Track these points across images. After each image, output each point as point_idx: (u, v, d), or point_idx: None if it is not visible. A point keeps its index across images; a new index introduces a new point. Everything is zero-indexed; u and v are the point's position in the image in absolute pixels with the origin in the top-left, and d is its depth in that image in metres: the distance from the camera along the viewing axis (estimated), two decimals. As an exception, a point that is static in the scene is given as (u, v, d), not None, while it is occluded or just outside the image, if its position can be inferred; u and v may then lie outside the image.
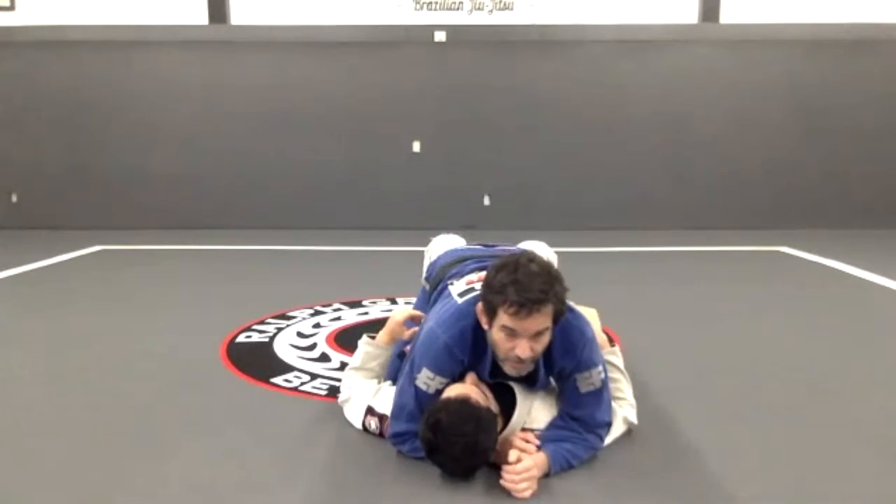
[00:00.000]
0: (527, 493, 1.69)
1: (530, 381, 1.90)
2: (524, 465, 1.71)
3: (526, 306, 1.64)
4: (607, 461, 1.90)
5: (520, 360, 1.72)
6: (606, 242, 6.08)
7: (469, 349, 1.84)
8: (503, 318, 1.69)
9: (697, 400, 2.37)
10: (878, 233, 6.68)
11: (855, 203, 7.14)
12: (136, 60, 7.11)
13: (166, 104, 7.18)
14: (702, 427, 2.14)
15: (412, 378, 1.87)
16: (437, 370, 1.84)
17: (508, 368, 1.78)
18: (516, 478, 1.69)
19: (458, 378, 1.89)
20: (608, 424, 1.91)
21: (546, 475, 1.78)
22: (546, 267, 1.72)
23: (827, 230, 6.82)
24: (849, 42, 6.96)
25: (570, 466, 1.83)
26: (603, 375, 1.86)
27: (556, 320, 1.72)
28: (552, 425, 1.89)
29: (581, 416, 1.87)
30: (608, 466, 1.87)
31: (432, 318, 1.95)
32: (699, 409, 2.28)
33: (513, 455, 1.72)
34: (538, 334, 1.70)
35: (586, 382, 1.84)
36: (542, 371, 1.85)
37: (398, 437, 1.91)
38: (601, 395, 1.87)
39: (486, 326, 1.78)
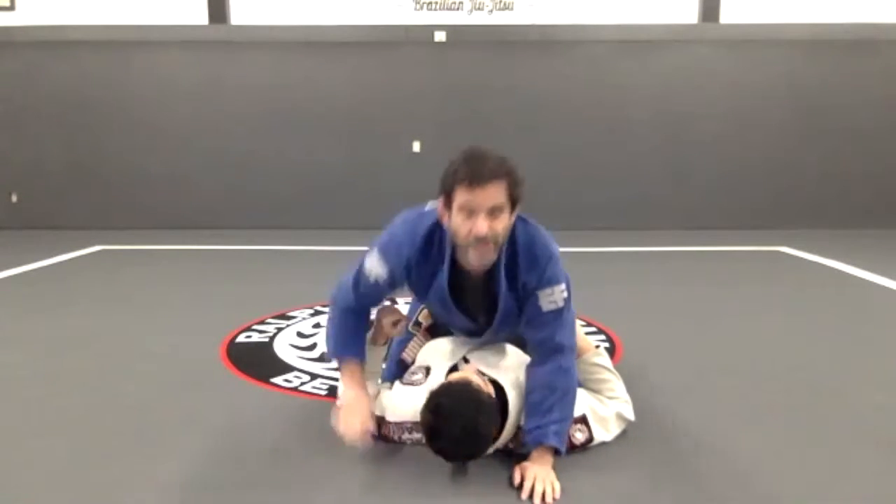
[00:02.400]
0: (554, 496, 1.70)
1: (490, 298, 1.88)
2: (528, 486, 1.72)
3: (478, 177, 1.69)
4: (607, 460, 1.90)
5: (480, 241, 1.71)
6: (606, 242, 6.09)
7: (418, 248, 1.85)
8: (459, 196, 1.71)
9: (697, 400, 2.37)
10: (878, 233, 6.68)
11: (855, 203, 7.15)
12: (136, 60, 7.11)
13: (166, 104, 7.18)
14: (701, 427, 2.14)
15: (362, 261, 1.94)
16: (381, 260, 1.88)
17: (471, 257, 1.78)
18: (537, 500, 1.70)
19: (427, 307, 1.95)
20: (572, 349, 1.91)
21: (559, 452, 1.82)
22: (498, 153, 1.77)
23: (827, 230, 6.82)
24: (849, 42, 6.96)
25: (567, 426, 1.86)
26: (566, 294, 1.85)
27: (512, 203, 1.75)
28: (527, 398, 1.88)
29: (543, 339, 1.87)
30: (607, 465, 1.87)
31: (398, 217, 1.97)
32: (699, 409, 2.28)
33: (516, 478, 1.74)
34: (494, 212, 1.71)
35: (548, 300, 1.84)
36: (503, 283, 1.84)
37: (337, 305, 2.01)
38: (562, 315, 1.86)
39: (445, 222, 1.79)
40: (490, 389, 1.84)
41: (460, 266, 1.87)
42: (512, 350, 2.19)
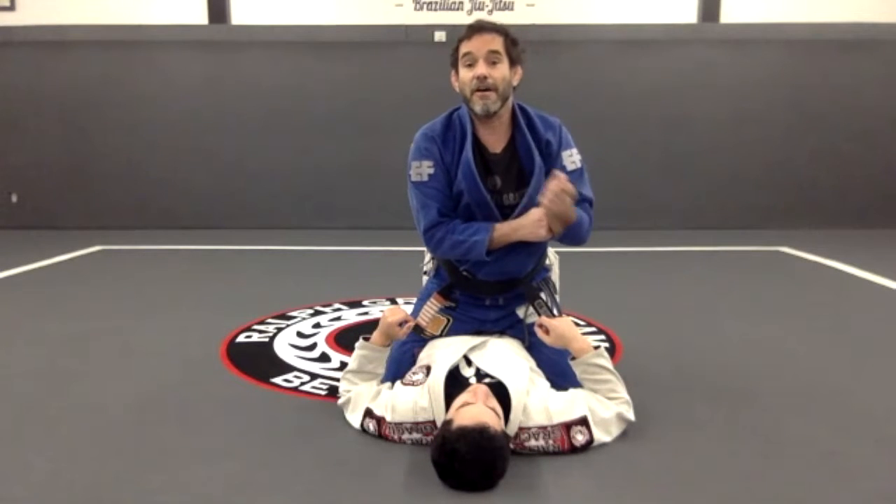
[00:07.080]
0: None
1: (519, 172, 2.14)
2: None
3: (476, 28, 2.08)
4: (604, 459, 1.90)
5: (482, 83, 2.04)
6: (607, 242, 6.07)
7: (439, 133, 2.19)
8: (461, 50, 2.10)
9: (696, 400, 2.37)
10: (877, 233, 6.68)
11: (855, 203, 7.14)
12: (136, 60, 7.11)
13: (166, 104, 7.18)
14: (700, 427, 2.14)
15: (409, 181, 2.21)
16: (420, 156, 2.19)
17: (477, 103, 2.08)
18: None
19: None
20: (593, 202, 2.23)
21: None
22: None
23: (827, 230, 6.82)
24: (849, 42, 6.96)
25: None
26: (580, 157, 2.23)
27: (510, 55, 2.10)
28: None
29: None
30: (605, 464, 1.87)
31: None
32: (697, 409, 2.28)
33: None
34: (491, 56, 2.07)
35: (570, 160, 2.21)
36: (532, 145, 2.14)
37: (429, 232, 2.16)
38: (583, 174, 2.23)
39: (456, 84, 2.17)
40: (500, 421, 1.80)
41: (483, 145, 2.16)
42: (512, 349, 2.19)
